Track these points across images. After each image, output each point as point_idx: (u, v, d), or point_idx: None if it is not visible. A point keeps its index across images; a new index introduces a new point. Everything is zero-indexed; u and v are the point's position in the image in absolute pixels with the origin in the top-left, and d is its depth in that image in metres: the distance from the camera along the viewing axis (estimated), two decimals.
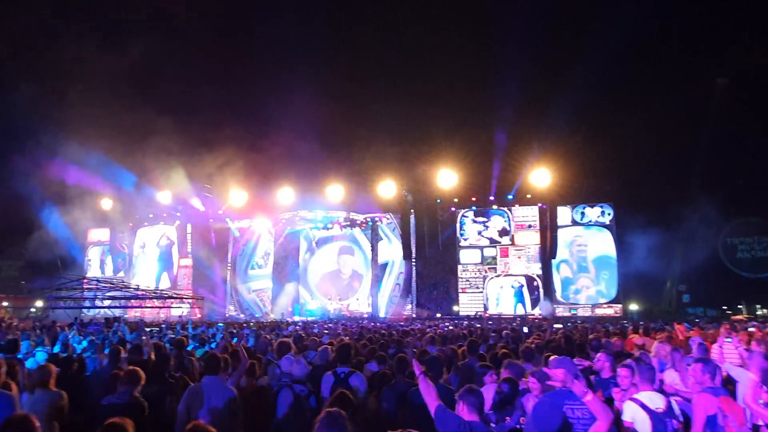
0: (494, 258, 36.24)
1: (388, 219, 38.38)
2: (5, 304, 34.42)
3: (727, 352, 8.09)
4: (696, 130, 32.00)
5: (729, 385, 6.14)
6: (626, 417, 4.51)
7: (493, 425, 4.46)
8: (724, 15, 32.80)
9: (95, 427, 4.61)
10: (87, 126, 31.99)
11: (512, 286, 35.56)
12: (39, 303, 33.54)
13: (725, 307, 32.08)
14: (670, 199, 31.40)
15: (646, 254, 30.58)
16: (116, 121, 32.33)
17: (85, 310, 32.69)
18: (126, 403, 4.54)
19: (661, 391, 5.32)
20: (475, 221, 37.06)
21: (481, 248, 36.61)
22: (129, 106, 31.58)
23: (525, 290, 35.25)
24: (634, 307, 33.96)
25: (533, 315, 33.16)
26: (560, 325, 18.08)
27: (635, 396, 4.59)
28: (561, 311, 33.79)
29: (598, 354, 6.13)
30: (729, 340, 8.94)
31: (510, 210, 36.47)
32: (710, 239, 32.60)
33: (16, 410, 3.66)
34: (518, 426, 4.53)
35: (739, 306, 31.98)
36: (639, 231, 30.61)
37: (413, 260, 37.09)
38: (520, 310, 34.58)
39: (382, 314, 35.85)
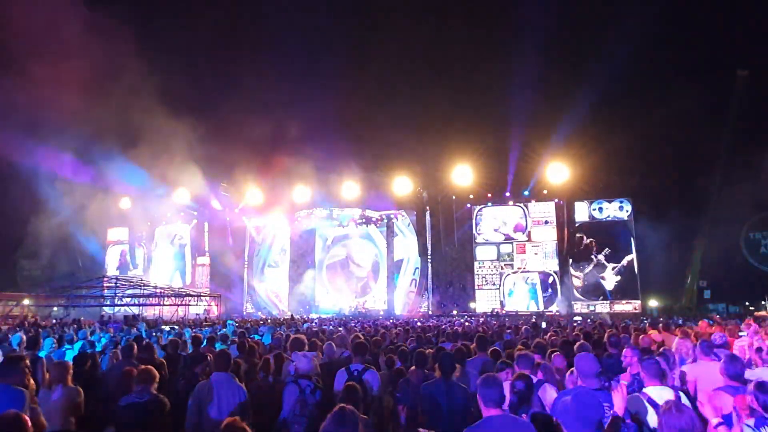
0: (510, 254, 36.00)
1: (403, 216, 38.29)
2: (27, 302, 35.02)
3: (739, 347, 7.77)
4: (716, 123, 31.35)
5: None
6: (632, 411, 4.40)
7: None
8: (744, 6, 32.13)
9: (112, 425, 4.68)
10: (105, 126, 32.43)
11: (526, 283, 35.31)
12: (60, 301, 34.05)
13: (747, 303, 31.44)
14: (690, 194, 30.82)
15: (665, 250, 30.10)
16: (133, 120, 32.71)
17: (105, 308, 33.20)
18: (147, 401, 4.57)
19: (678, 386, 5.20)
20: (491, 217, 36.84)
21: (497, 245, 36.38)
22: (145, 105, 31.90)
23: (538, 287, 34.97)
24: (653, 303, 33.45)
25: (551, 312, 32.86)
26: (580, 318, 17.87)
27: (643, 390, 4.50)
28: (579, 307, 33.43)
29: (625, 350, 5.99)
30: (743, 334, 8.68)
31: (526, 206, 36.18)
32: (732, 234, 31.95)
33: (26, 406, 3.68)
34: None
35: (762, 302, 31.30)
36: (658, 226, 30.13)
37: (429, 257, 36.99)
38: (533, 307, 34.31)
39: (398, 311, 35.82)
